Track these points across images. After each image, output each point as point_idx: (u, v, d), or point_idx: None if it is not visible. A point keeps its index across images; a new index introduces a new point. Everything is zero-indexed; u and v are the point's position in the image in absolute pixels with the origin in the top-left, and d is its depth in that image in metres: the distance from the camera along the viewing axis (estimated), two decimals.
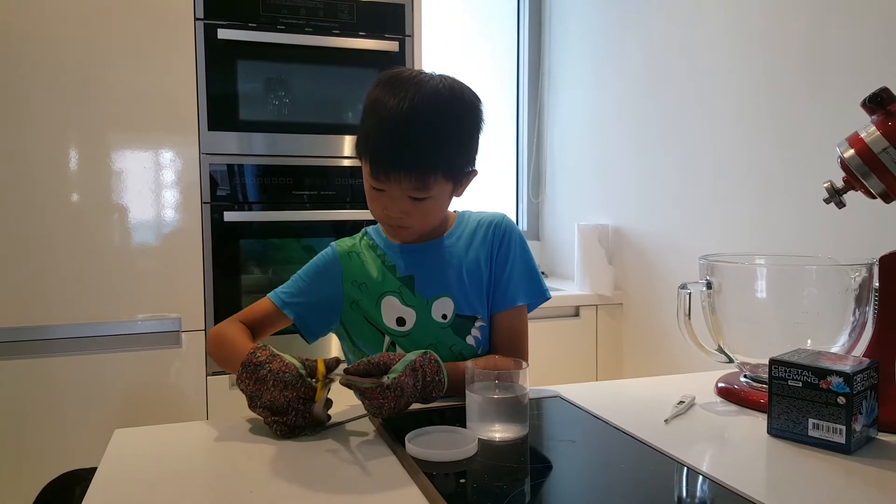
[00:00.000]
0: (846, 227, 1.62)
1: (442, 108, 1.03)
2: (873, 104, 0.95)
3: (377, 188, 1.06)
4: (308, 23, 2.11)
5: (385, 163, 1.02)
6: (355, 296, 1.17)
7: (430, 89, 1.02)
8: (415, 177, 1.02)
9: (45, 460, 1.87)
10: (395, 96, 1.01)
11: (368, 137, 1.04)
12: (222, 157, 2.04)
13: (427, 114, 1.01)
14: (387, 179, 1.03)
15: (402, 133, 1.01)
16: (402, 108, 1.00)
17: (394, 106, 1.00)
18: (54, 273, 1.89)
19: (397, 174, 1.02)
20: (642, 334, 2.43)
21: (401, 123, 1.00)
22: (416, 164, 1.02)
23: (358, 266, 1.18)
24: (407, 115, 1.00)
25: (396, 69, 1.09)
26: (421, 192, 1.04)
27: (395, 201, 1.06)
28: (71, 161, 1.90)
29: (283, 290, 1.18)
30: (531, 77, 3.08)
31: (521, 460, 0.89)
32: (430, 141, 1.02)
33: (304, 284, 1.18)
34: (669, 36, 2.25)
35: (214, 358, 1.14)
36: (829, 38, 1.69)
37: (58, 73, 1.87)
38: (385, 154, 1.02)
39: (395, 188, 1.04)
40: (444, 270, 1.16)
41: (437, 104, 1.02)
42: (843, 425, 0.88)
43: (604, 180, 2.64)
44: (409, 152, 1.01)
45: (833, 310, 1.07)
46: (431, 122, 1.01)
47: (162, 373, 1.99)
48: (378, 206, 1.09)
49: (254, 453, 0.89)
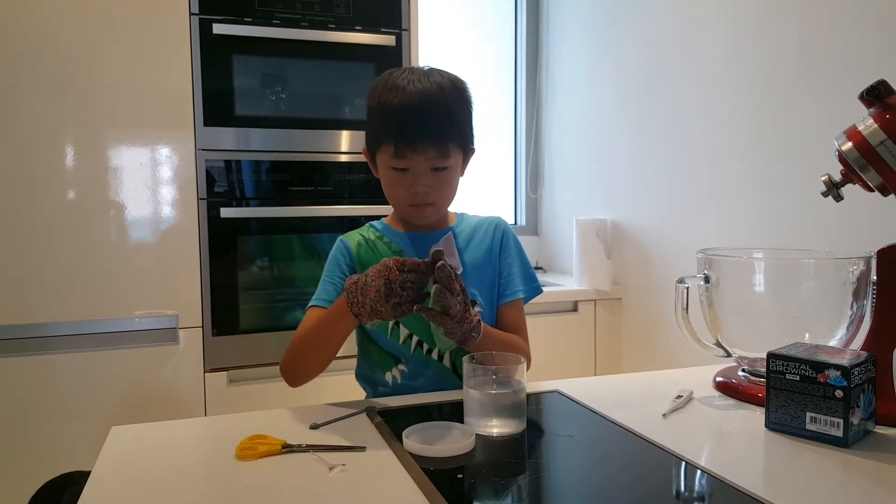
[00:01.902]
0: (844, 220, 1.62)
1: (447, 86, 1.15)
2: (871, 97, 0.95)
3: (399, 168, 1.14)
4: (304, 17, 2.10)
5: (410, 136, 1.11)
6: None
7: (430, 74, 1.15)
8: (438, 143, 1.12)
9: (42, 457, 1.87)
10: (404, 83, 1.13)
11: (387, 121, 1.13)
12: (218, 152, 2.04)
13: (438, 90, 1.13)
14: (413, 152, 1.12)
15: (422, 107, 1.11)
16: (415, 88, 1.12)
17: (406, 89, 1.12)
18: (51, 270, 1.88)
19: (423, 144, 1.11)
20: (641, 329, 2.43)
21: (418, 100, 1.11)
22: (438, 131, 1.12)
23: (367, 253, 1.23)
24: (421, 93, 1.12)
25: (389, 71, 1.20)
26: (442, 160, 1.14)
27: (420, 176, 1.14)
28: (67, 158, 1.89)
29: (321, 297, 1.19)
30: (529, 72, 3.08)
31: (519, 455, 0.88)
32: (445, 111, 1.13)
33: (337, 279, 1.21)
34: (667, 30, 2.24)
35: (301, 355, 1.14)
36: (827, 32, 1.69)
37: (53, 70, 1.86)
38: (409, 128, 1.12)
39: (420, 161, 1.13)
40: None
41: (441, 83, 1.14)
42: (841, 419, 0.88)
43: (602, 175, 2.63)
44: (431, 122, 1.12)
45: (831, 303, 1.07)
46: (443, 96, 1.13)
47: (159, 370, 1.98)
48: (401, 188, 1.16)
49: None
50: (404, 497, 0.75)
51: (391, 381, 1.21)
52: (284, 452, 0.88)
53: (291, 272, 2.15)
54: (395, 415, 1.02)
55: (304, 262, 2.16)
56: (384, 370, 1.21)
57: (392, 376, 1.21)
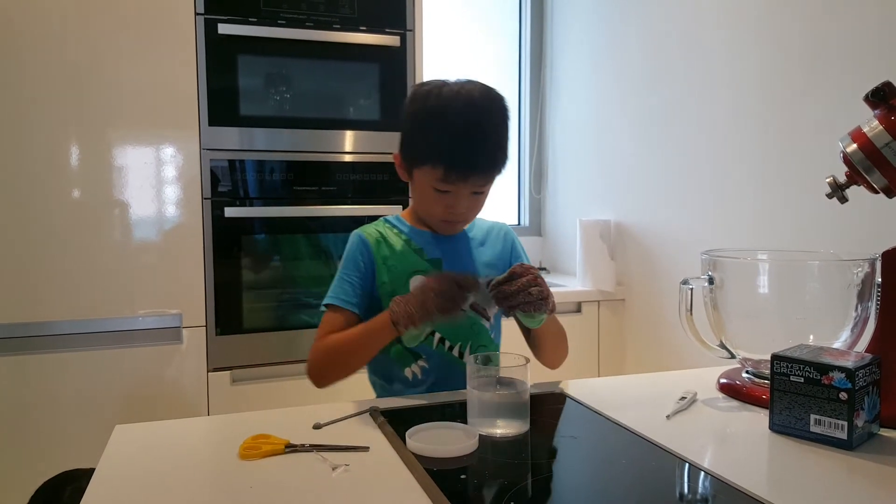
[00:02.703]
0: (848, 222, 1.61)
1: (497, 113, 1.15)
2: (876, 98, 0.95)
3: (443, 190, 1.14)
4: (309, 17, 2.10)
5: (463, 167, 1.11)
6: (384, 277, 1.21)
7: (479, 97, 1.13)
8: (487, 174, 1.14)
9: (45, 456, 1.87)
10: (455, 110, 1.11)
11: (437, 147, 1.12)
12: (223, 152, 2.04)
13: (490, 121, 1.13)
14: (463, 182, 1.13)
15: (477, 142, 1.11)
16: (468, 120, 1.11)
17: (459, 119, 1.11)
18: (55, 269, 1.89)
19: (474, 176, 1.13)
20: (644, 330, 2.43)
21: (473, 134, 1.11)
22: (490, 164, 1.14)
23: (385, 248, 1.23)
24: (476, 127, 1.11)
25: (426, 82, 1.18)
26: (485, 186, 1.17)
27: (461, 199, 1.15)
28: (72, 157, 1.90)
29: (339, 296, 1.20)
30: (533, 72, 3.07)
31: (523, 456, 0.88)
32: (496, 144, 1.14)
33: (355, 278, 1.21)
34: (671, 30, 2.24)
35: (336, 362, 1.16)
36: (831, 31, 1.68)
37: (59, 69, 1.87)
38: (463, 160, 1.11)
39: (465, 187, 1.14)
40: (468, 256, 1.26)
41: (492, 109, 1.14)
42: (845, 421, 0.88)
43: (606, 175, 2.63)
44: (485, 156, 1.13)
45: (835, 305, 1.07)
46: (495, 129, 1.14)
47: (163, 369, 1.99)
48: (440, 206, 1.17)
49: None
50: (408, 498, 0.75)
51: (411, 377, 1.21)
52: (288, 452, 0.88)
53: (295, 272, 2.15)
54: (398, 415, 1.02)
55: (308, 261, 2.16)
56: (403, 366, 1.21)
57: (412, 372, 1.21)
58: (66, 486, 1.41)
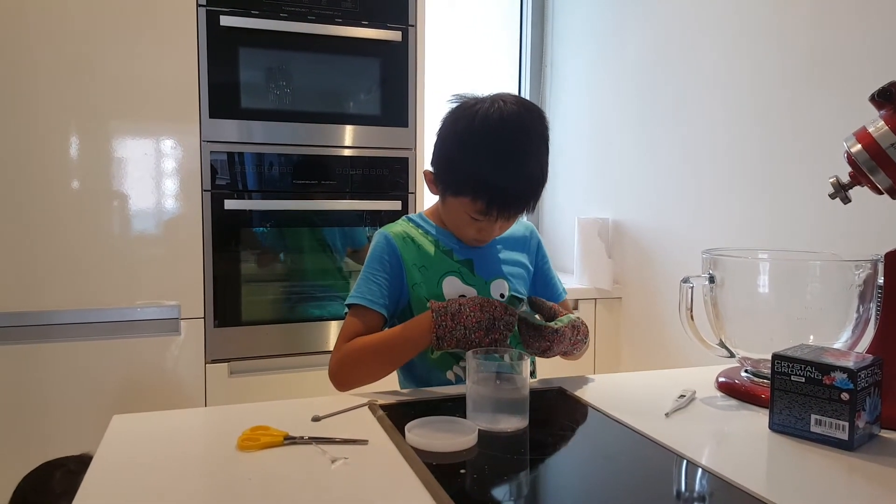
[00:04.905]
0: (852, 222, 1.61)
1: (538, 141, 1.13)
2: (882, 98, 0.95)
3: (479, 219, 1.13)
4: (311, 11, 2.09)
5: (504, 206, 1.10)
6: (416, 278, 1.19)
7: (521, 121, 1.10)
8: (527, 209, 1.14)
9: (43, 445, 1.86)
10: (498, 134, 1.09)
11: (479, 181, 1.09)
12: (223, 144, 2.03)
13: (537, 163, 1.12)
14: (504, 221, 1.14)
15: (521, 181, 1.10)
16: (519, 170, 1.09)
17: (509, 164, 1.09)
18: (54, 259, 1.88)
19: (516, 215, 1.15)
20: (640, 328, 2.43)
21: (516, 172, 1.09)
22: (531, 204, 1.14)
23: (414, 250, 1.21)
24: (519, 160, 1.09)
25: (467, 100, 1.14)
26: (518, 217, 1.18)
27: (496, 227, 1.16)
28: (72, 148, 1.89)
29: (364, 296, 1.17)
30: (533, 70, 3.07)
31: (522, 452, 0.88)
32: (538, 179, 1.13)
33: (381, 279, 1.18)
34: (670, 29, 2.23)
35: (363, 367, 1.13)
36: (835, 30, 1.68)
37: (59, 60, 1.86)
38: (506, 200, 1.10)
39: (502, 219, 1.14)
40: (497, 257, 1.26)
41: (534, 142, 1.12)
42: (846, 422, 0.88)
43: (604, 174, 2.63)
44: (526, 198, 1.12)
45: (836, 306, 1.07)
46: (541, 172, 1.13)
47: (160, 360, 1.98)
48: (472, 229, 1.17)
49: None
50: (407, 491, 0.75)
51: (454, 379, 1.19)
52: (286, 444, 0.87)
53: (295, 265, 2.14)
54: (397, 409, 1.02)
55: (307, 254, 2.16)
56: (445, 369, 1.20)
57: (454, 374, 1.20)
58: (55, 472, 1.41)
